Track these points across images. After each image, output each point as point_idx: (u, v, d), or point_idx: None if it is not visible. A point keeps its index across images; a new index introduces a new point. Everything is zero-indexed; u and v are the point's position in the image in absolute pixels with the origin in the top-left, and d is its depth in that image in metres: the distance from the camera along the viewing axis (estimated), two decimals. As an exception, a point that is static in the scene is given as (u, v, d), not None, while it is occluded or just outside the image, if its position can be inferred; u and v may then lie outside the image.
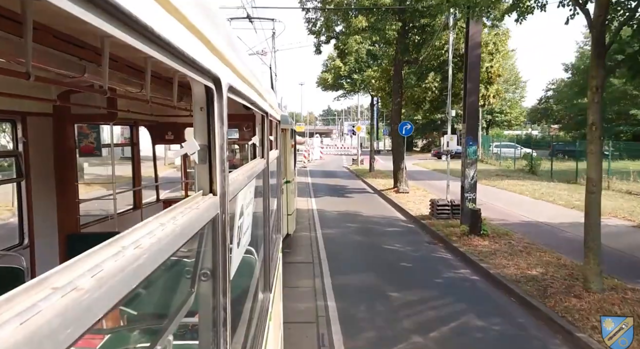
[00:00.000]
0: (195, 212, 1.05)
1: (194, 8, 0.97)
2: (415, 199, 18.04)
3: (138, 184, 6.47)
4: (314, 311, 7.18)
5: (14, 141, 3.96)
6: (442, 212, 13.82)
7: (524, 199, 18.83)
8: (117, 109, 4.72)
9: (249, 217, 2.37)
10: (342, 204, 17.73)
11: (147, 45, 0.77)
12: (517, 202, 17.73)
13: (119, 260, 0.63)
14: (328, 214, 15.74)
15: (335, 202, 18.22)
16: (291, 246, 10.81)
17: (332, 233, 12.77)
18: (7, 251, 3.81)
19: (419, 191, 20.06)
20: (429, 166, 36.88)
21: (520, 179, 25.30)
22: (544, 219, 14.15)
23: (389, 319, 6.86)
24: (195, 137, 1.22)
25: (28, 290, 0.46)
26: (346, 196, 20.27)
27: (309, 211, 16.20)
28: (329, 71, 35.54)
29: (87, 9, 0.57)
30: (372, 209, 16.84)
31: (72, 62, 2.32)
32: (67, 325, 0.47)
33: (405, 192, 19.27)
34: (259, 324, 2.54)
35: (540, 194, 19.52)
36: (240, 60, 1.64)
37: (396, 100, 20.46)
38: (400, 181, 19.82)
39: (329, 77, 34.85)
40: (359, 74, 32.20)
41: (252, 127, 6.18)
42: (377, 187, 22.07)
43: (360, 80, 32.32)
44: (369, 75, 27.89)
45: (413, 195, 18.99)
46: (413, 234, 12.89)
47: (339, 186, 24.53)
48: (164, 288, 2.76)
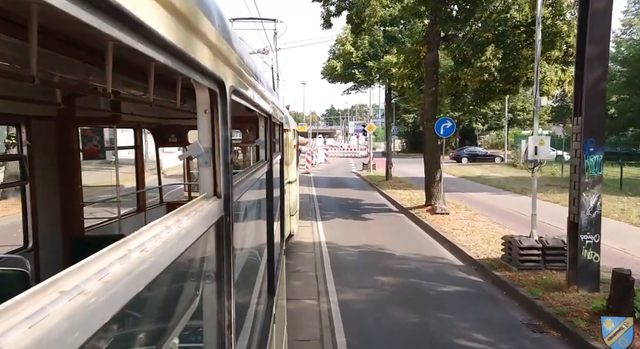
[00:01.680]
0: (200, 215, 1.05)
1: (198, 11, 0.98)
2: (464, 225, 12.59)
3: (142, 187, 6.48)
4: None
5: (18, 144, 3.97)
6: (528, 258, 8.53)
7: (626, 228, 12.63)
8: (121, 112, 4.74)
9: (253, 219, 2.38)
10: (361, 234, 12.31)
11: (151, 48, 0.77)
12: (618, 230, 11.87)
13: (125, 263, 0.63)
14: (343, 254, 10.46)
15: (352, 230, 12.84)
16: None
17: (355, 303, 7.47)
18: (12, 254, 3.82)
19: (461, 211, 14.76)
20: (454, 171, 30.58)
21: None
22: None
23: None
24: (200, 140, 1.22)
25: (36, 294, 0.46)
26: (364, 218, 14.76)
27: (316, 248, 10.91)
28: (337, 58, 27.95)
29: (91, 12, 0.57)
30: (405, 242, 11.45)
31: (76, 65, 2.33)
32: (74, 329, 0.47)
33: (443, 213, 14.03)
34: (263, 326, 2.54)
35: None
36: (243, 63, 1.64)
37: (430, 89, 15.04)
38: (435, 196, 14.86)
39: (337, 66, 27.20)
40: (375, 61, 25.23)
41: (255, 129, 6.19)
42: (402, 204, 16.66)
43: (376, 68, 25.19)
44: (387, 61, 22.16)
45: (456, 217, 13.77)
46: (489, 301, 7.58)
47: (352, 200, 18.88)
48: (168, 290, 2.76)
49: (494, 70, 13.56)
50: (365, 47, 25.84)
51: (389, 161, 25.11)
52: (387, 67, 22.56)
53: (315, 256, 10.30)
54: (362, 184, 25.10)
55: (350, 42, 26.15)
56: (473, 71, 13.78)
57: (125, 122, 5.41)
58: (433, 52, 15.03)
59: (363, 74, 26.75)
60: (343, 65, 27.29)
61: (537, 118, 10.05)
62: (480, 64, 13.37)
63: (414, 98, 21.15)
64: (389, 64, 21.76)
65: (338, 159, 46.23)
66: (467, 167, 35.20)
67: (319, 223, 13.90)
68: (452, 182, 23.15)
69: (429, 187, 15.22)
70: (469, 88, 15.33)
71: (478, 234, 11.60)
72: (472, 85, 14.78)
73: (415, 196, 17.59)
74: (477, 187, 22.17)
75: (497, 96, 16.31)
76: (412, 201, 16.79)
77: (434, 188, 14.94)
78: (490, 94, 15.30)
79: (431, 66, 15.03)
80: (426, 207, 14.92)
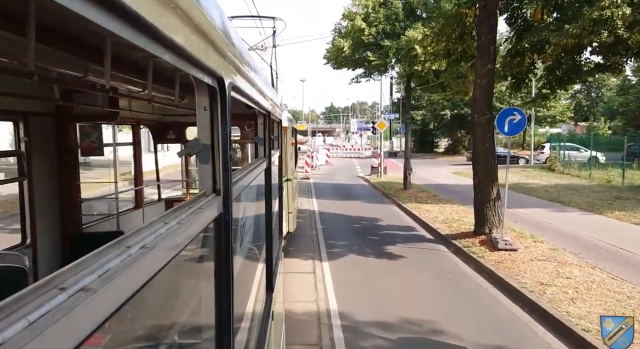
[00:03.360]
0: (199, 212, 1.05)
1: (197, 7, 0.97)
2: (553, 275, 8.00)
3: (140, 184, 6.47)
4: None
5: (16, 141, 3.96)
6: None
7: None
8: (119, 108, 4.73)
9: (251, 216, 2.38)
10: (393, 292, 7.75)
11: (151, 44, 0.77)
12: None
13: (125, 260, 0.63)
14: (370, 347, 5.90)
15: (375, 282, 8.19)
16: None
17: None
18: (10, 251, 3.81)
19: (529, 242, 10.08)
20: None
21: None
22: None
23: None
24: (199, 137, 1.22)
25: (36, 290, 0.46)
26: (390, 255, 9.89)
27: (323, 332, 6.24)
28: (345, 37, 21.22)
29: (89, 8, 0.57)
30: (474, 317, 6.71)
31: (75, 61, 2.32)
32: (74, 325, 0.47)
33: (509, 249, 9.30)
34: (261, 324, 2.55)
35: None
36: (243, 60, 1.64)
37: (484, 67, 10.22)
38: (491, 222, 10.29)
39: (345, 46, 20.62)
40: (392, 40, 19.77)
41: (253, 126, 6.19)
42: (437, 228, 11.85)
43: (394, 48, 19.51)
44: (410, 39, 17.98)
45: (530, 256, 9.10)
46: None
47: (366, 220, 13.80)
48: (167, 287, 2.76)
49: (619, 23, 8.70)
50: (381, 22, 20.13)
51: (407, 165, 19.54)
52: (409, 45, 18.16)
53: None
54: (374, 194, 19.90)
55: (361, 16, 20.44)
56: (558, 37, 9.19)
57: (124, 118, 5.40)
58: (489, 14, 10.34)
59: (377, 57, 20.45)
60: (352, 46, 20.86)
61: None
62: (599, 13, 8.48)
63: (450, 84, 16.43)
64: (412, 42, 17.68)
65: (341, 160, 40.87)
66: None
67: (325, 267, 9.01)
68: None
69: (480, 208, 10.55)
70: (536, 67, 11.21)
71: (593, 299, 6.89)
72: (555, 52, 10.10)
73: (451, 215, 13.24)
74: (524, 200, 16.31)
75: (585, 76, 11.77)
76: (450, 224, 12.12)
77: (489, 210, 10.39)
78: (573, 73, 10.97)
79: (486, 35, 10.30)
80: (478, 238, 10.35)
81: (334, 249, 10.41)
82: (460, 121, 45.77)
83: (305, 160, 27.26)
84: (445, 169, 30.37)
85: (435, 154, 48.80)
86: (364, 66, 22.28)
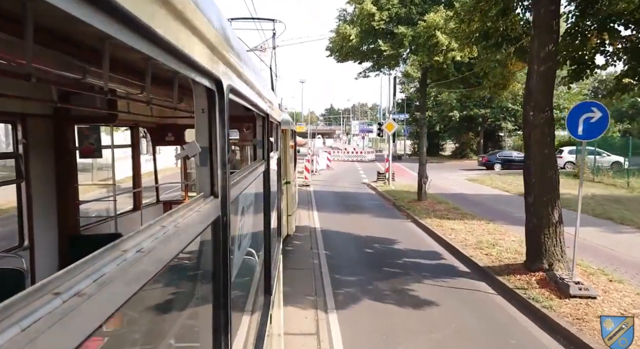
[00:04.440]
0: (197, 214, 1.04)
1: (196, 10, 0.97)
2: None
3: (138, 186, 6.46)
4: None
5: (14, 143, 3.95)
6: None
7: None
8: (118, 110, 4.72)
9: (250, 219, 2.37)
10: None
11: (149, 47, 0.77)
12: None
13: (121, 264, 0.62)
14: None
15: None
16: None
17: None
18: (7, 253, 3.80)
19: (606, 283, 7.67)
20: (499, 183, 22.46)
21: None
22: None
23: None
24: (197, 139, 1.22)
25: (29, 295, 0.46)
26: (416, 301, 7.48)
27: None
28: (352, 23, 18.05)
29: (87, 10, 0.56)
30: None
31: (73, 63, 2.32)
32: (68, 331, 0.47)
33: (586, 297, 6.92)
34: (259, 326, 2.54)
35: None
36: (241, 62, 1.64)
37: (545, 48, 7.87)
38: (552, 254, 7.91)
39: (352, 33, 17.47)
40: (408, 27, 16.63)
41: (252, 128, 6.18)
42: (474, 259, 9.30)
43: (409, 36, 16.41)
44: (430, 24, 15.31)
45: (617, 306, 6.81)
46: None
47: (379, 241, 11.25)
48: (165, 290, 2.75)
49: None
50: (394, 5, 17.13)
51: (422, 172, 16.73)
52: (428, 32, 15.41)
53: None
54: (383, 206, 17.16)
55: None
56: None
57: (122, 120, 5.39)
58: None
59: (390, 46, 17.22)
60: (360, 34, 17.58)
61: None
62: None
63: (489, 73, 12.61)
64: (432, 28, 15.09)
65: (342, 164, 38.31)
66: (509, 177, 25.54)
67: (333, 321, 6.68)
68: (510, 202, 15.76)
69: (536, 235, 8.05)
70: (605, 47, 8.65)
71: None
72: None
73: (484, 236, 10.78)
74: (565, 215, 11.09)
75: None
76: (487, 250, 9.51)
77: (549, 238, 7.89)
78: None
79: (547, 5, 7.83)
80: (534, 275, 7.90)
81: (343, 290, 7.98)
82: (469, 123, 43.53)
83: (305, 165, 24.34)
84: (457, 175, 28.32)
85: (442, 158, 46.52)
86: (372, 59, 18.97)
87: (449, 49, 14.53)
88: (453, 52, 14.46)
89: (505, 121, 43.11)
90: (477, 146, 44.68)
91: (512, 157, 34.19)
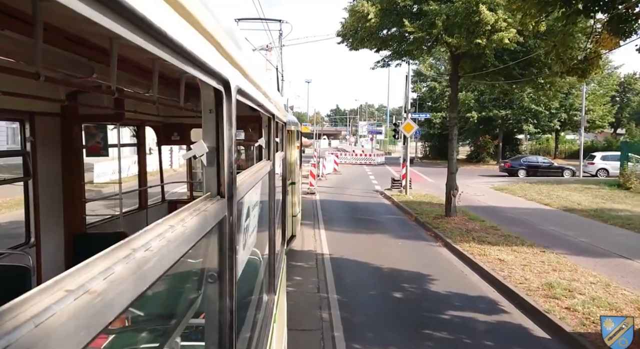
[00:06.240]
0: (204, 214, 1.05)
1: (205, 11, 0.98)
2: None
3: (144, 184, 6.49)
4: None
5: (22, 140, 3.98)
6: None
7: None
8: (124, 109, 4.75)
9: (255, 219, 2.38)
10: None
11: (157, 47, 0.77)
12: None
13: (130, 262, 0.63)
14: None
15: None
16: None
17: None
18: (14, 250, 3.83)
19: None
20: (532, 194, 19.63)
21: None
22: None
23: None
24: (204, 140, 1.23)
25: (41, 292, 0.47)
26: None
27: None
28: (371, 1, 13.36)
29: (96, 10, 0.57)
30: None
31: (81, 63, 2.34)
32: (80, 327, 0.47)
33: None
34: (263, 326, 2.55)
35: None
36: (248, 63, 1.64)
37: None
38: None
39: (370, 12, 13.02)
40: (440, 3, 12.56)
41: (258, 128, 6.20)
42: (556, 320, 6.17)
43: (443, 15, 12.09)
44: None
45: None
46: None
47: (408, 281, 8.34)
48: (171, 289, 2.77)
49: None
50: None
51: (451, 183, 13.92)
52: (469, 8, 11.67)
53: None
54: (404, 222, 14.15)
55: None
56: None
57: (129, 119, 5.42)
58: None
59: (417, 27, 12.80)
60: (381, 12, 13.21)
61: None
62: None
63: (562, 54, 9.65)
64: (475, 2, 11.53)
65: (350, 168, 34.98)
66: (542, 186, 22.11)
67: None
68: (559, 220, 13.17)
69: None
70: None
71: None
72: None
73: (549, 274, 8.12)
74: (629, 239, 10.52)
75: None
76: (567, 302, 6.71)
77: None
78: None
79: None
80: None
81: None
82: (486, 125, 40.47)
83: (310, 170, 21.23)
84: (478, 182, 25.30)
85: (457, 162, 43.71)
86: (391, 47, 14.73)
87: (495, 30, 11.42)
88: (501, 33, 11.38)
89: (527, 122, 40.08)
90: (495, 149, 41.99)
91: (538, 163, 31.30)
